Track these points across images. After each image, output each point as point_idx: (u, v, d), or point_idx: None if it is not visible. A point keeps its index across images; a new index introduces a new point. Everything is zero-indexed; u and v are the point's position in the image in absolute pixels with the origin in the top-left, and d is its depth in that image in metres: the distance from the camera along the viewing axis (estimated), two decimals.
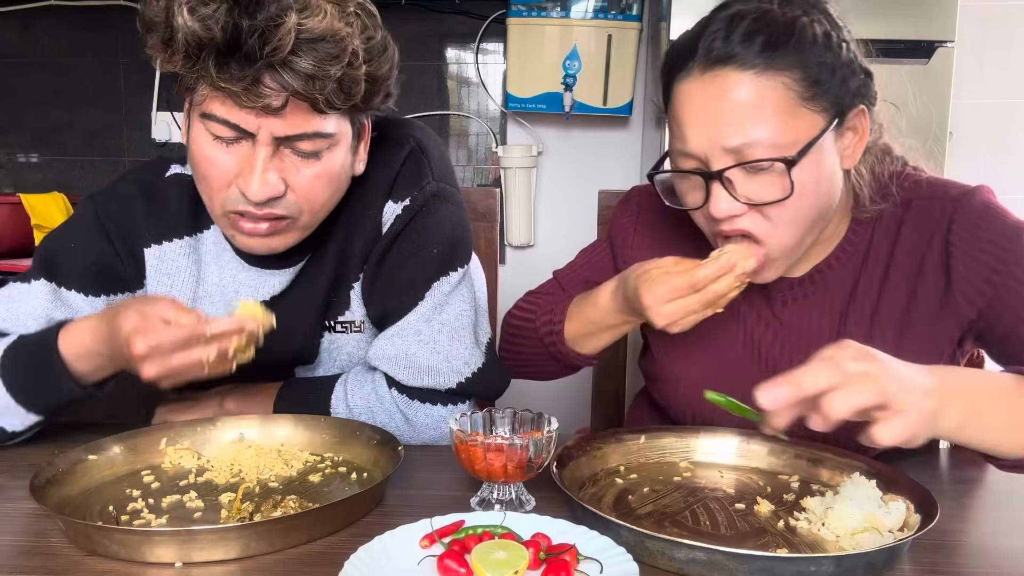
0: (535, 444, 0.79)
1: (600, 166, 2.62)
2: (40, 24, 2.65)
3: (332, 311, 1.11)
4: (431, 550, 0.70)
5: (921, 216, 0.96)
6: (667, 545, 0.70)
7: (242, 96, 0.86)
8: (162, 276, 1.08)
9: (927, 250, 0.95)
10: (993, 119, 2.39)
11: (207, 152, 0.93)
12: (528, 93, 2.45)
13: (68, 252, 1.06)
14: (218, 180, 0.93)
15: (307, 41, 0.85)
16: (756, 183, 0.88)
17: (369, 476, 0.91)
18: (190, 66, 0.87)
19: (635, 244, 1.13)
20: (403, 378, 1.04)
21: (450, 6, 2.49)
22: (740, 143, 0.86)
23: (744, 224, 0.90)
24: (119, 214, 1.07)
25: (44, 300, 1.03)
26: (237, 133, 0.90)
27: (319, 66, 0.86)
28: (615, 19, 2.38)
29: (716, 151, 0.88)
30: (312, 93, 0.87)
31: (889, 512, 0.76)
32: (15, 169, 2.75)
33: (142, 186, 1.09)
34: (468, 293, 1.09)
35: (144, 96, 2.63)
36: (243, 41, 0.83)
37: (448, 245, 1.07)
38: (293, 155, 0.93)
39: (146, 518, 0.80)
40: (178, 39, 0.85)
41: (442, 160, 1.12)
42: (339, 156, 0.96)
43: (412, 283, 1.06)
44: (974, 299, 0.92)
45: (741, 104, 0.86)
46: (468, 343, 1.06)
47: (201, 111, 0.91)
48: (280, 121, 0.89)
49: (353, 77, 0.90)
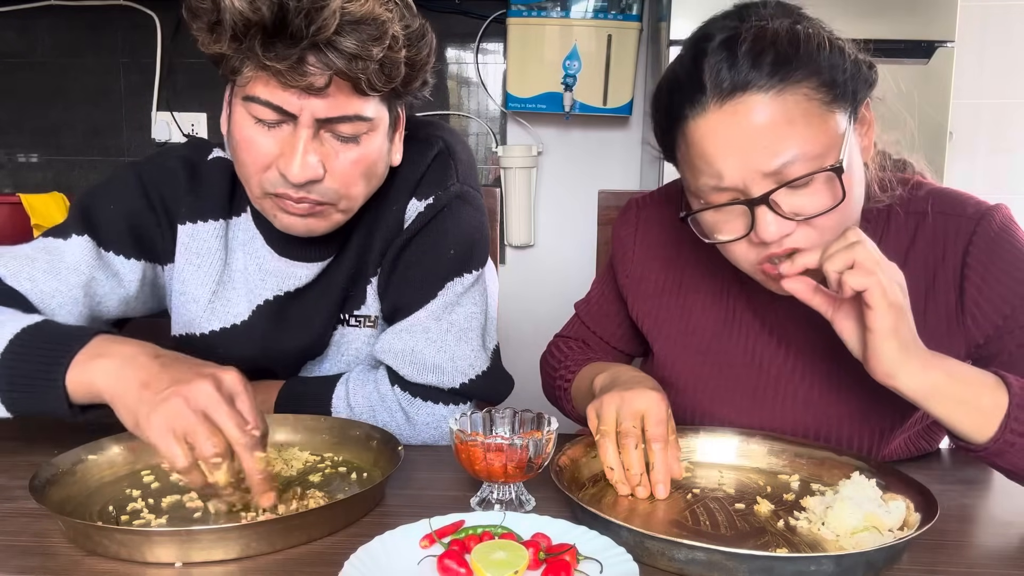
0: (535, 444, 0.80)
1: (600, 166, 2.62)
2: (40, 24, 2.65)
3: (349, 304, 1.12)
4: (431, 550, 0.70)
5: (937, 230, 0.95)
6: (667, 545, 0.70)
7: (287, 75, 0.87)
8: (191, 255, 1.08)
9: (940, 266, 0.94)
10: (993, 119, 2.39)
11: (249, 135, 0.94)
12: (528, 93, 2.45)
13: (109, 212, 1.05)
14: (259, 162, 0.94)
15: (350, 23, 0.87)
16: (801, 197, 0.86)
17: (369, 476, 0.91)
18: (236, 46, 0.88)
19: (635, 258, 1.13)
20: (407, 373, 1.04)
21: (450, 6, 2.49)
22: (779, 164, 0.83)
23: (796, 242, 0.86)
24: (162, 185, 1.08)
25: (88, 255, 1.01)
26: (279, 115, 0.91)
27: (362, 46, 0.88)
28: (615, 19, 2.38)
29: (755, 178, 0.85)
30: (355, 72, 0.89)
31: (889, 512, 0.76)
32: (15, 169, 2.75)
33: (186, 163, 1.09)
34: (480, 297, 1.10)
35: (144, 96, 2.64)
36: (289, 21, 0.85)
37: (465, 247, 1.08)
38: (333, 139, 0.94)
39: (146, 518, 0.80)
40: (225, 20, 0.86)
41: (469, 163, 1.13)
42: (377, 141, 0.98)
43: (426, 280, 1.06)
44: (984, 326, 0.92)
45: (770, 126, 0.83)
46: (475, 345, 1.07)
47: (244, 94, 0.92)
48: (322, 102, 0.90)
49: (394, 60, 0.92)
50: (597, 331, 1.19)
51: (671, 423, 0.88)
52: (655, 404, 0.87)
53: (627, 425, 0.86)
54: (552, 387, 1.18)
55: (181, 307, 1.10)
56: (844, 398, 0.97)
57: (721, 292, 1.06)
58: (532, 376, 1.24)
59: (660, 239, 1.11)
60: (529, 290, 2.68)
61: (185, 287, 1.09)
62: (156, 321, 1.16)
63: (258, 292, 1.09)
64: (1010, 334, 0.91)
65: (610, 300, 1.18)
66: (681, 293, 1.09)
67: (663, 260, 1.11)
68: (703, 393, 1.04)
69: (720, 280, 1.06)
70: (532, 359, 1.29)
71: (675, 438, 0.88)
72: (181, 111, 2.64)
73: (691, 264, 1.08)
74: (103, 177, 1.12)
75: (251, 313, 1.09)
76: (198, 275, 1.08)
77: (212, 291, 1.09)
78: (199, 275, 1.08)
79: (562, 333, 1.24)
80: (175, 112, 2.63)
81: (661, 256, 1.11)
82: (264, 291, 1.09)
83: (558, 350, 1.20)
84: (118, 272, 1.04)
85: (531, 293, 2.68)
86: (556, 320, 1.28)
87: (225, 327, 1.10)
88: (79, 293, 1.00)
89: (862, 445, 0.98)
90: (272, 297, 1.09)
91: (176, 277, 1.09)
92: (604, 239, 1.43)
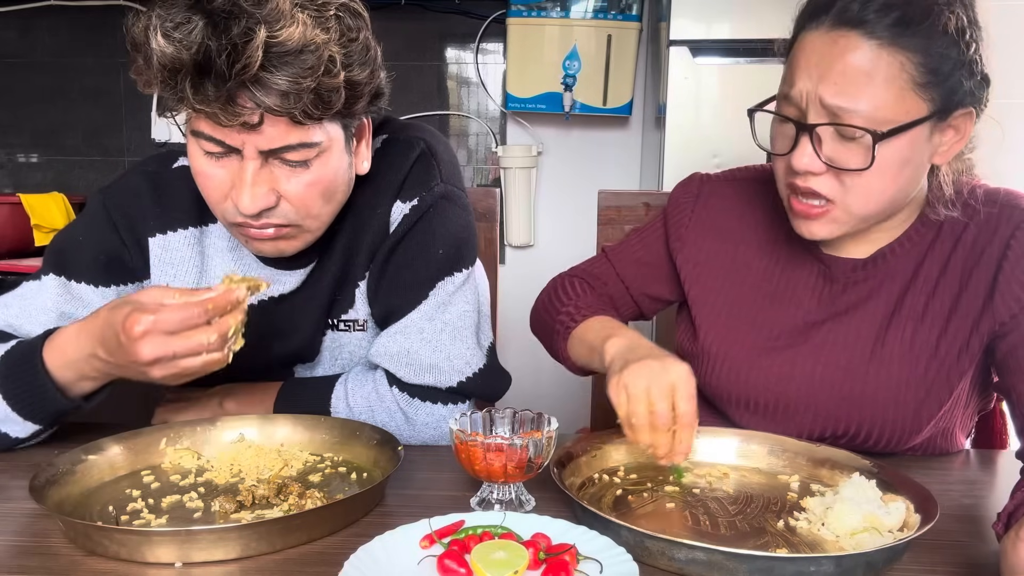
0: (535, 444, 0.79)
1: (600, 166, 2.62)
2: (40, 24, 2.65)
3: (336, 309, 1.12)
4: (431, 550, 0.70)
5: (990, 217, 0.97)
6: (667, 545, 0.70)
7: (220, 115, 0.86)
8: (166, 266, 1.08)
9: (987, 247, 0.96)
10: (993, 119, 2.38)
11: (201, 167, 0.94)
12: (528, 93, 2.45)
13: (77, 245, 1.07)
14: (215, 194, 0.95)
15: (278, 55, 0.84)
16: (843, 148, 0.89)
17: (369, 476, 0.91)
18: (169, 88, 0.86)
19: (692, 224, 1.14)
20: (404, 375, 1.04)
21: (450, 6, 2.48)
22: (840, 104, 0.87)
23: (817, 185, 0.92)
24: (126, 204, 1.08)
25: (54, 294, 1.04)
26: (224, 148, 0.91)
27: (292, 81, 0.85)
28: (615, 19, 2.38)
29: (816, 105, 0.89)
30: (288, 108, 0.86)
31: (889, 512, 0.76)
32: (15, 169, 2.75)
33: (148, 176, 1.10)
34: (471, 295, 1.10)
35: (144, 96, 2.61)
36: (213, 61, 0.82)
37: (454, 246, 1.08)
38: (283, 165, 0.92)
39: (146, 518, 0.80)
40: (153, 64, 0.85)
41: (451, 163, 1.13)
42: (331, 162, 0.95)
43: (417, 282, 1.06)
44: (1010, 304, 0.93)
45: (855, 69, 0.87)
46: (470, 343, 1.07)
47: (191, 128, 0.92)
48: (261, 136, 0.89)
49: (330, 86, 0.88)
50: (625, 276, 1.19)
51: None
52: (685, 378, 0.85)
53: (661, 406, 0.84)
54: (550, 322, 1.15)
55: None
56: (885, 370, 0.98)
57: (770, 270, 1.07)
58: (532, 375, 1.24)
59: (718, 213, 1.14)
60: (529, 290, 2.65)
61: None
62: None
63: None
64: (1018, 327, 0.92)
65: (652, 250, 1.18)
66: (732, 267, 1.10)
67: (717, 232, 1.13)
68: (746, 366, 1.05)
69: (770, 259, 1.08)
70: (532, 358, 1.29)
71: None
72: (176, 115, 2.63)
73: (744, 243, 1.11)
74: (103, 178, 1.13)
75: None
76: (174, 284, 1.08)
77: None
78: (175, 284, 1.08)
79: (575, 272, 1.23)
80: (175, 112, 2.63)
81: (716, 228, 1.13)
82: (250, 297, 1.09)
83: (570, 287, 1.18)
84: (90, 302, 1.05)
85: (531, 293, 2.64)
86: None
87: None
88: None
89: (895, 425, 0.98)
90: (257, 303, 1.08)
91: None
92: (604, 239, 1.43)
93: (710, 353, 1.08)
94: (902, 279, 1.00)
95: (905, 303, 0.99)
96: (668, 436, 0.85)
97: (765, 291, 1.07)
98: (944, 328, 0.97)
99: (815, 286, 1.04)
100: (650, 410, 0.84)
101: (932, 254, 0.99)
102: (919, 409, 0.97)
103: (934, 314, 0.98)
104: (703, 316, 1.10)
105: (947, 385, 0.97)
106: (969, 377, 0.99)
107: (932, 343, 0.97)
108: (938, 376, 0.97)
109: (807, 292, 1.05)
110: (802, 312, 1.04)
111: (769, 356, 1.03)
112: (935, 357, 0.97)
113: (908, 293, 0.99)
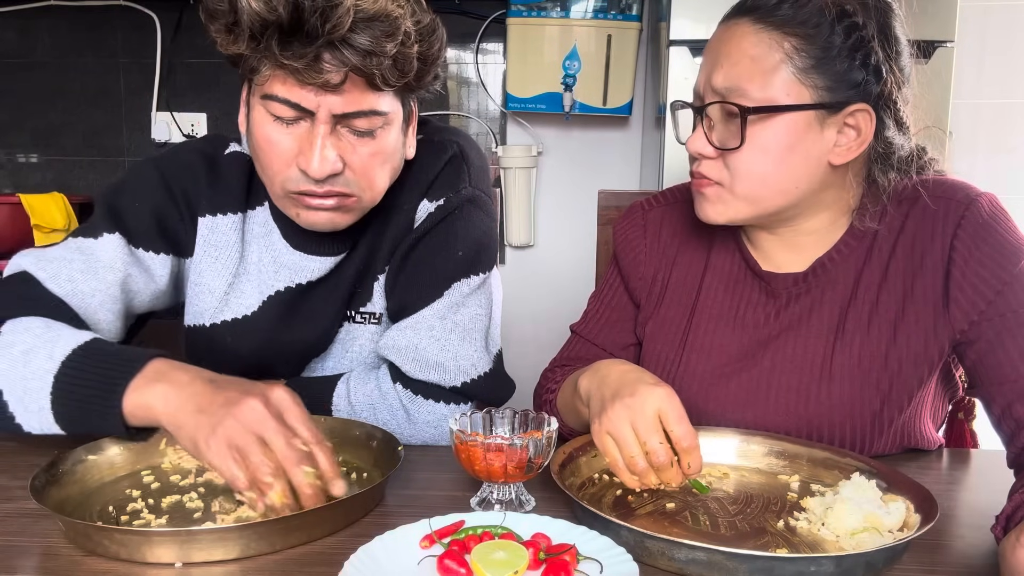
0: (535, 444, 0.80)
1: (600, 166, 2.62)
2: (40, 24, 2.65)
3: (355, 301, 1.13)
4: (431, 550, 0.70)
5: (927, 214, 0.96)
6: (667, 545, 0.70)
7: (303, 73, 0.89)
8: (209, 247, 1.09)
9: (928, 248, 0.95)
10: (993, 119, 2.39)
11: (268, 133, 0.95)
12: (528, 93, 2.45)
13: (135, 209, 1.06)
14: (279, 160, 0.96)
15: (363, 20, 0.89)
16: (726, 130, 0.94)
17: (369, 476, 0.91)
18: (254, 46, 0.90)
19: (645, 259, 1.13)
20: (409, 370, 1.05)
21: (450, 6, 2.48)
22: (727, 86, 0.91)
23: (707, 168, 0.96)
24: (183, 178, 1.09)
25: (121, 252, 1.02)
26: (297, 112, 0.93)
27: (375, 43, 0.89)
28: (615, 19, 2.38)
29: (708, 89, 0.94)
30: (370, 68, 0.90)
31: (889, 512, 0.76)
32: (15, 169, 2.75)
33: (205, 157, 1.10)
34: (485, 300, 1.11)
35: (144, 96, 2.64)
36: (304, 20, 0.87)
37: (474, 249, 1.09)
38: (349, 134, 0.96)
39: (146, 518, 0.80)
40: (243, 21, 0.88)
41: (482, 169, 1.15)
42: (392, 135, 1.00)
43: (433, 279, 1.07)
44: (967, 311, 0.92)
45: (742, 52, 0.91)
46: (478, 346, 1.07)
47: (263, 92, 0.94)
48: (338, 98, 0.92)
49: (406, 55, 0.93)
50: (604, 344, 1.15)
51: None
52: (667, 399, 0.82)
53: (653, 443, 0.81)
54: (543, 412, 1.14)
55: (195, 298, 1.11)
56: (837, 387, 0.97)
57: (716, 293, 1.07)
58: (532, 376, 1.23)
59: (668, 240, 1.13)
60: (529, 290, 2.68)
61: (201, 278, 1.10)
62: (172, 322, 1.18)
63: (270, 284, 1.10)
64: (989, 321, 0.91)
65: (616, 307, 1.16)
66: (682, 292, 1.09)
67: (667, 260, 1.12)
68: (695, 390, 1.04)
69: (716, 280, 1.07)
70: (532, 358, 1.29)
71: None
72: (181, 111, 2.64)
73: (691, 267, 1.10)
74: (103, 178, 1.13)
75: (261, 305, 1.10)
76: (215, 267, 1.09)
77: (228, 283, 1.10)
78: (216, 267, 1.09)
79: (554, 363, 1.19)
80: (175, 112, 2.63)
81: (666, 256, 1.12)
82: (276, 283, 1.10)
83: (551, 376, 1.15)
84: (149, 268, 1.06)
85: (531, 293, 2.68)
86: (556, 320, 1.29)
87: (236, 318, 1.10)
88: (116, 291, 1.01)
89: (855, 435, 0.98)
90: (283, 288, 1.09)
91: (193, 269, 1.10)
92: (604, 239, 1.43)
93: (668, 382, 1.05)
94: (843, 290, 0.99)
95: (849, 315, 0.98)
96: (675, 469, 0.82)
97: (713, 314, 1.06)
98: (892, 337, 0.96)
99: (759, 303, 1.04)
100: (644, 450, 0.82)
101: (871, 262, 0.98)
102: (876, 419, 0.97)
103: (880, 323, 0.97)
104: (657, 350, 1.08)
105: (905, 391, 0.96)
106: (932, 381, 0.99)
107: (881, 353, 0.96)
108: (894, 385, 0.96)
109: (751, 310, 1.04)
110: (748, 332, 1.03)
111: (723, 384, 1.02)
112: (885, 368, 0.96)
113: (851, 305, 0.98)
